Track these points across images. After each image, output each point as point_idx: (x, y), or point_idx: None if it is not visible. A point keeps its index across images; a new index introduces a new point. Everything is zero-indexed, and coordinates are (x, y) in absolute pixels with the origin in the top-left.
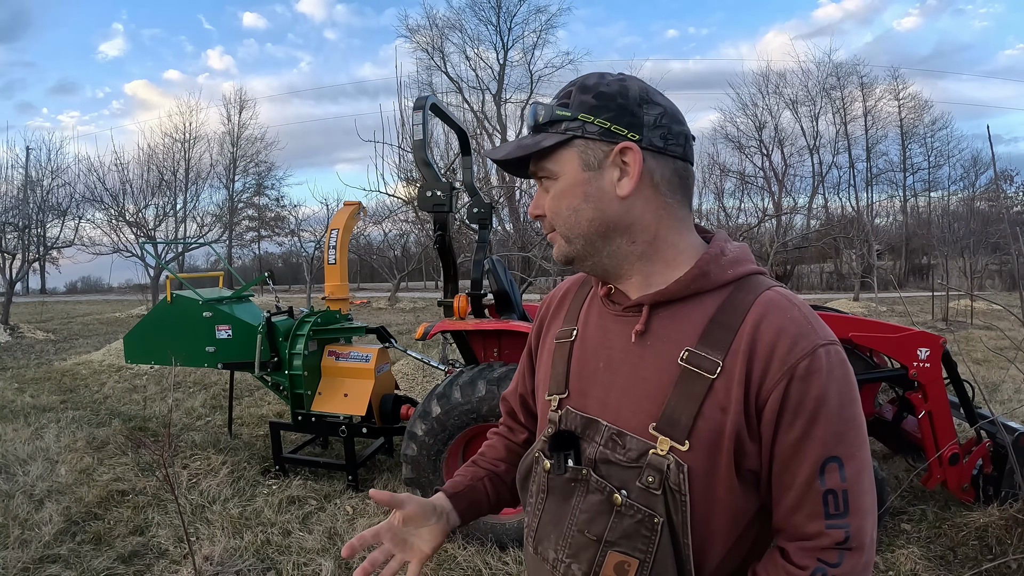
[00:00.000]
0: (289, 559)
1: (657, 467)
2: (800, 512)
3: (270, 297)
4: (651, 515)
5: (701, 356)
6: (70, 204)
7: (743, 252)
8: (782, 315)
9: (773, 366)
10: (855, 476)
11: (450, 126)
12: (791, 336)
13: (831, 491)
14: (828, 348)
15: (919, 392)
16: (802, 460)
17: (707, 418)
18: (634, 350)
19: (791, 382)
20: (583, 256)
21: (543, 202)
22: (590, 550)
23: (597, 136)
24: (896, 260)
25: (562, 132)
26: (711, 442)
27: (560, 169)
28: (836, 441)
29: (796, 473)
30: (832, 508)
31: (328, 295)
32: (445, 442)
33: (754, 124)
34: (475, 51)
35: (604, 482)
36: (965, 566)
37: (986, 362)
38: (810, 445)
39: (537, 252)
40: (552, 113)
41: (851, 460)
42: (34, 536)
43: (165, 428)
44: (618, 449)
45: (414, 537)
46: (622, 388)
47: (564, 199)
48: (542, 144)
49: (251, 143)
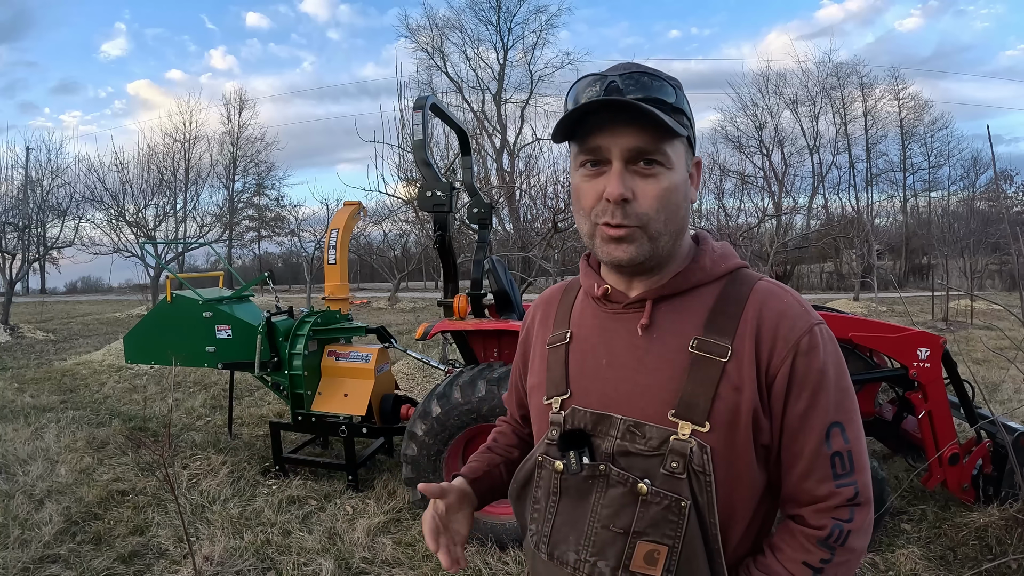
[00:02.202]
0: (289, 559)
1: (680, 451)
2: (811, 478)
3: (270, 297)
4: (678, 499)
5: (710, 343)
6: (70, 204)
7: (727, 248)
8: (779, 300)
9: (779, 345)
10: (855, 437)
11: (450, 126)
12: (791, 318)
13: (837, 453)
14: (821, 327)
15: (919, 392)
16: (810, 429)
17: (724, 399)
18: (640, 344)
19: (796, 357)
20: (660, 257)
21: (634, 186)
22: (617, 544)
23: (687, 142)
24: (896, 260)
25: (685, 125)
26: (729, 422)
27: (677, 161)
28: (837, 408)
29: (805, 442)
30: (839, 469)
31: (328, 295)
32: (445, 442)
33: (754, 124)
34: (475, 51)
35: (626, 474)
36: (965, 566)
37: (986, 362)
38: (816, 414)
39: (537, 252)
40: (682, 102)
41: (850, 424)
42: (34, 536)
43: (165, 428)
44: (637, 440)
45: (453, 523)
46: (631, 381)
47: (675, 193)
48: (681, 132)
49: (251, 143)
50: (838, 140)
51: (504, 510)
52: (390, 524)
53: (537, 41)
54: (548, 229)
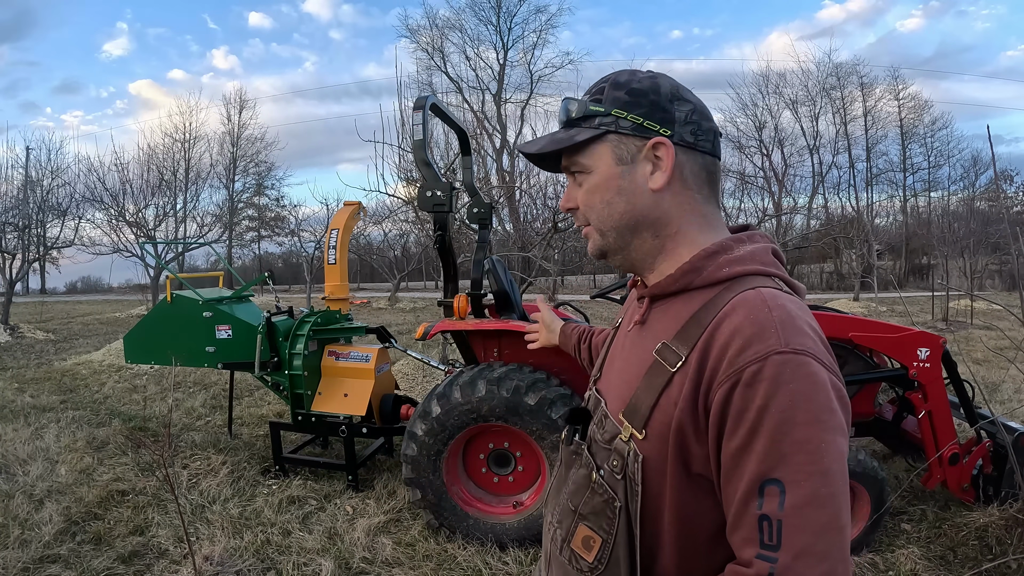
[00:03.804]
0: (289, 559)
1: (620, 452)
2: (738, 532)
3: (270, 297)
4: (613, 498)
5: (670, 349)
6: (70, 204)
7: (753, 253)
8: (746, 315)
9: (722, 366)
10: (796, 507)
11: (450, 126)
12: (745, 337)
13: (766, 517)
14: (788, 357)
15: (919, 392)
16: (741, 474)
17: (662, 410)
18: (632, 338)
19: (736, 386)
20: (615, 249)
21: (575, 195)
22: (569, 518)
23: (630, 131)
24: (896, 260)
25: (596, 127)
26: (662, 435)
27: (593, 163)
28: (778, 461)
29: (736, 487)
30: (766, 537)
31: (328, 295)
32: (445, 442)
33: (754, 124)
34: (475, 51)
35: (591, 459)
36: (965, 566)
37: (986, 362)
38: (749, 459)
39: (537, 252)
40: (585, 108)
41: (795, 488)
42: (34, 536)
43: (165, 428)
44: (600, 430)
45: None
46: (617, 373)
47: (598, 193)
48: (576, 139)
49: (251, 143)
50: (838, 140)
51: (504, 510)
52: (390, 524)
53: (537, 41)
54: (548, 229)
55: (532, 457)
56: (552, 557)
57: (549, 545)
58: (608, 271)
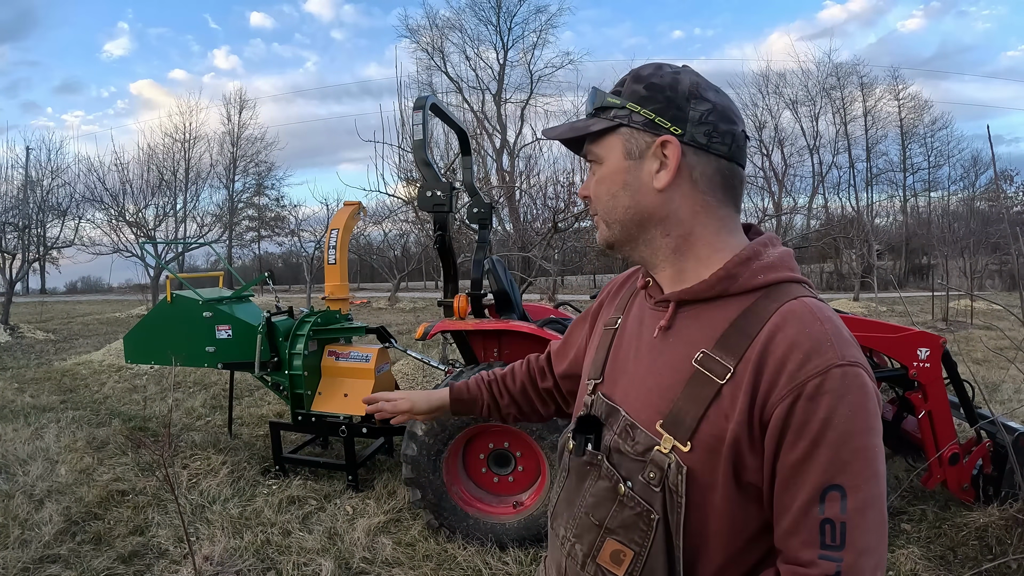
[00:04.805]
0: (289, 559)
1: (659, 464)
2: (796, 536)
3: (270, 297)
4: (648, 511)
5: (714, 359)
6: (70, 204)
7: (781, 258)
8: (800, 328)
9: (781, 380)
10: (857, 510)
11: (450, 126)
12: (804, 351)
13: (828, 520)
14: (846, 370)
15: (919, 392)
16: (803, 483)
17: (711, 422)
18: (656, 345)
19: (797, 400)
20: (621, 242)
21: (590, 184)
22: (592, 533)
23: (641, 126)
24: (896, 260)
25: (610, 119)
26: (712, 447)
27: (605, 154)
28: (840, 469)
29: (796, 495)
30: (828, 539)
31: (328, 295)
32: (445, 442)
33: (754, 124)
34: (475, 51)
35: (613, 471)
36: (965, 566)
37: (986, 362)
38: (812, 469)
39: (537, 252)
40: (604, 99)
41: (855, 492)
42: (34, 536)
43: (165, 428)
44: (628, 441)
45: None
46: (641, 381)
47: (604, 184)
48: (590, 128)
49: (251, 143)
50: (838, 140)
51: (504, 510)
52: (390, 524)
53: (537, 41)
54: (548, 229)
55: (532, 457)
56: (570, 573)
57: (564, 561)
58: (608, 271)
